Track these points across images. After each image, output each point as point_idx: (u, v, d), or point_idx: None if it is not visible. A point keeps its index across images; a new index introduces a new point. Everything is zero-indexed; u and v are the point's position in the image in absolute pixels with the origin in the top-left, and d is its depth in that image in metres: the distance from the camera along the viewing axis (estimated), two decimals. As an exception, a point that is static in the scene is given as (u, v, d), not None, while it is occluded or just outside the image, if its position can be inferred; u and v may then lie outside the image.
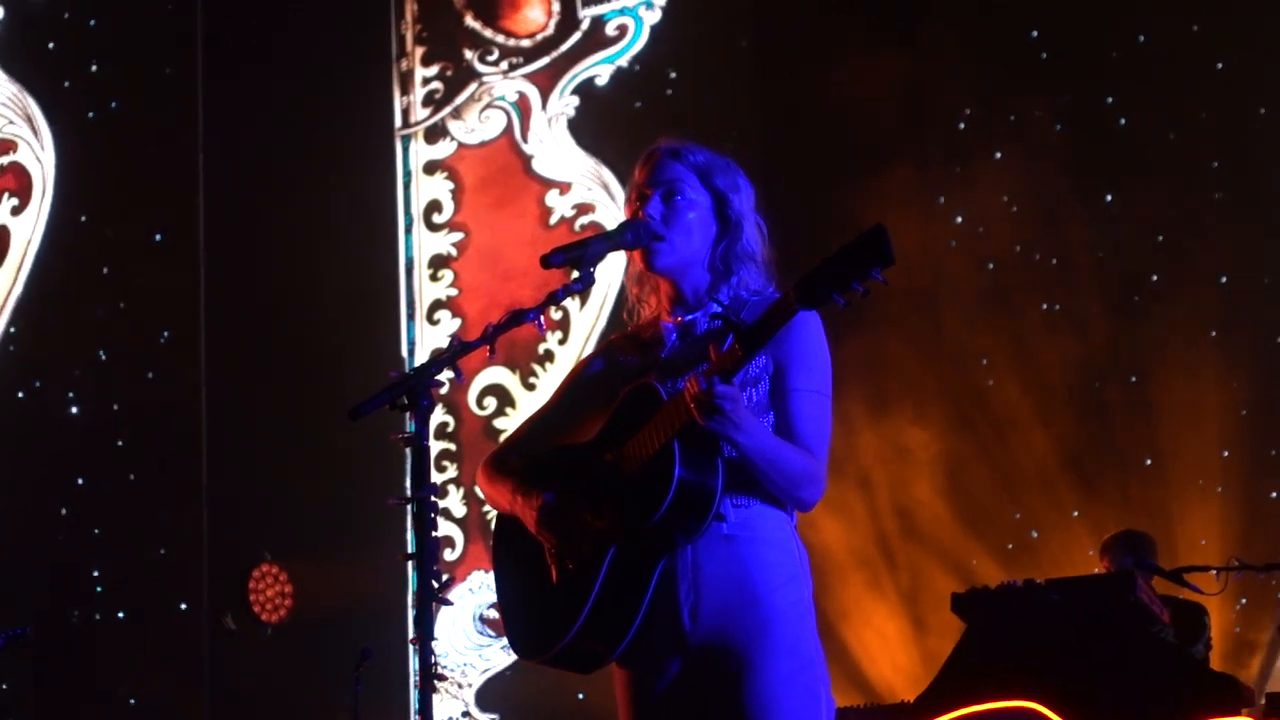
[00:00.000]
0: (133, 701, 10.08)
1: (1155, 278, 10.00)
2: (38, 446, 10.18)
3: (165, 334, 10.46)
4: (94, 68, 10.60)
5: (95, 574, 10.19)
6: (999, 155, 10.40)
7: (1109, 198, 10.23)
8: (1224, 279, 9.94)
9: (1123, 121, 10.25)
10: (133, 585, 10.14)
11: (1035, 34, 10.44)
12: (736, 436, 3.83)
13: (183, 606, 10.23)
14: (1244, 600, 9.41)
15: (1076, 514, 9.86)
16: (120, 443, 10.32)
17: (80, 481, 10.26)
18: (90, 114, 10.55)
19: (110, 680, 10.02)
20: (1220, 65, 10.09)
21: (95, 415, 10.28)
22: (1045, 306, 10.15)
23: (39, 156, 10.36)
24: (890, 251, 3.56)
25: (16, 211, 10.32)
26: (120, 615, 10.15)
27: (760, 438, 3.88)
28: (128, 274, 10.45)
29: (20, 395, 10.25)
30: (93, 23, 10.63)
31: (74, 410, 10.31)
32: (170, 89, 10.64)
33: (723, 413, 3.77)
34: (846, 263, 3.60)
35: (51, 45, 10.58)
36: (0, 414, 10.18)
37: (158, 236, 10.53)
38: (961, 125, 10.54)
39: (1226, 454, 9.74)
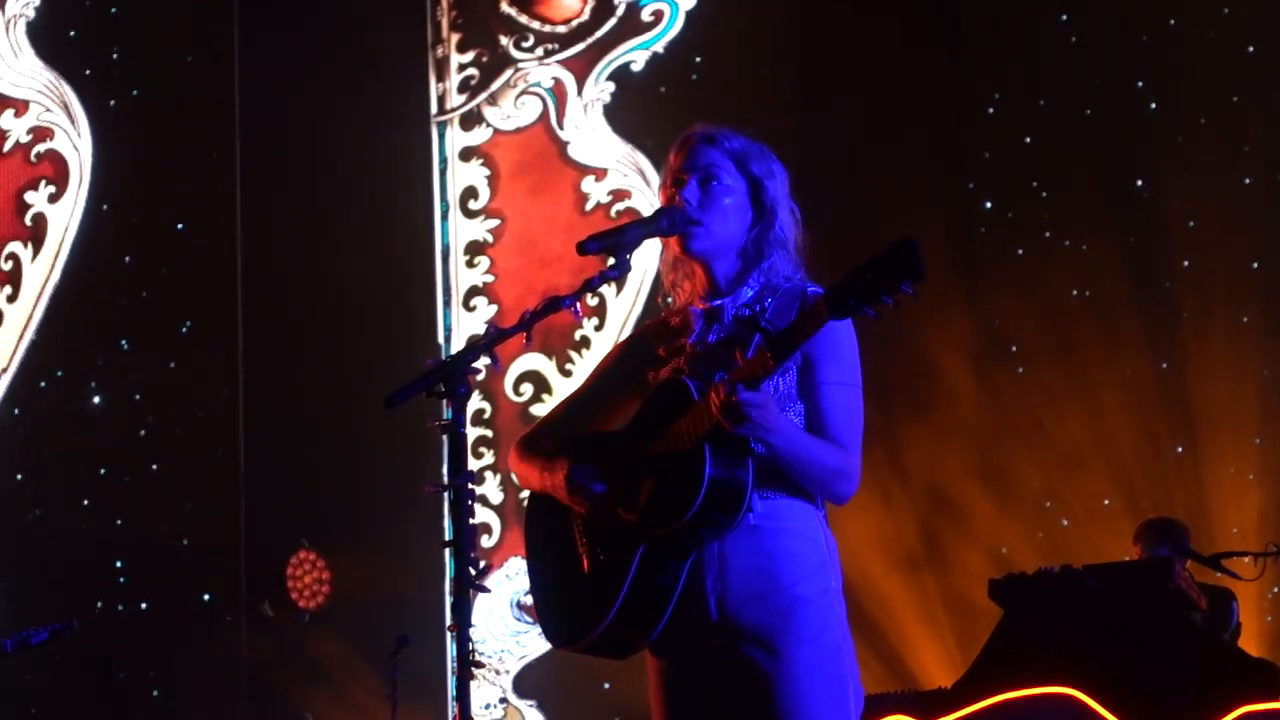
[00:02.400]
0: (155, 693, 10.10)
1: (1186, 263, 9.97)
2: (60, 436, 10.20)
3: (188, 323, 10.48)
4: (115, 55, 10.61)
5: (118, 564, 10.21)
6: (1029, 140, 10.39)
7: (1139, 183, 10.21)
8: (1256, 264, 9.92)
9: (1153, 106, 10.23)
10: (157, 575, 10.15)
11: (1065, 17, 10.42)
12: (768, 439, 3.84)
13: (205, 597, 10.24)
14: (1276, 589, 9.39)
15: (1108, 502, 9.84)
16: (142, 432, 10.34)
17: (103, 471, 10.28)
18: (111, 102, 10.56)
19: (134, 672, 10.04)
20: (1251, 49, 10.07)
21: (117, 405, 10.30)
22: (1075, 292, 10.12)
23: (75, 144, 10.37)
24: (921, 265, 3.54)
25: (54, 199, 10.34)
26: (143, 606, 10.16)
27: (792, 437, 3.89)
28: (151, 263, 10.47)
29: (43, 384, 10.28)
30: (114, 10, 10.64)
31: (96, 400, 10.34)
32: (195, 77, 10.64)
33: (750, 420, 3.78)
34: (875, 275, 3.59)
35: (73, 33, 10.60)
36: (23, 403, 10.21)
37: (179, 226, 10.54)
38: (991, 110, 10.52)
39: (1259, 441, 9.72)
